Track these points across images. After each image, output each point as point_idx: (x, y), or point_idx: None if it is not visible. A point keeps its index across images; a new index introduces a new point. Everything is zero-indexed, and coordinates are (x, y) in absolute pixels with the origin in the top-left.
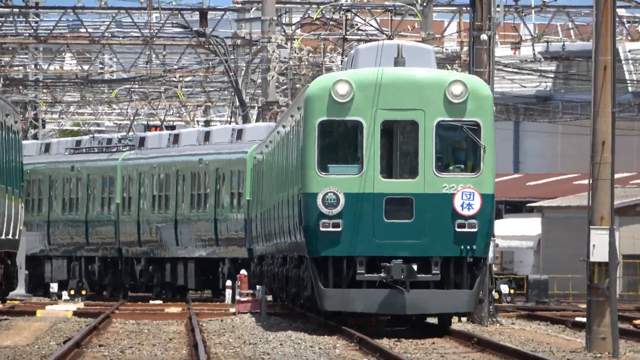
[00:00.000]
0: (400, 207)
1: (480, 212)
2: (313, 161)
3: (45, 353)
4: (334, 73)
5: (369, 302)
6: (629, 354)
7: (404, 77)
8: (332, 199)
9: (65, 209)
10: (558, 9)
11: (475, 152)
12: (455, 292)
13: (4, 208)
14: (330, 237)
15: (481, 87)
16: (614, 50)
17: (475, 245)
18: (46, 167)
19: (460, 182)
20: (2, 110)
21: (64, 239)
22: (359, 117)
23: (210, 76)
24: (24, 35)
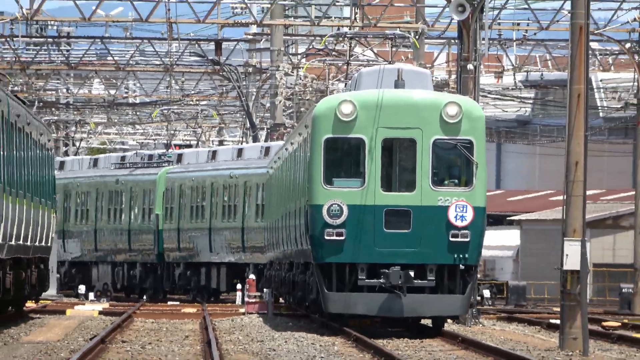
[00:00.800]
0: (398, 218)
1: (473, 223)
2: (319, 175)
3: (73, 348)
4: (339, 94)
5: (369, 305)
6: (598, 352)
7: (403, 99)
8: (336, 210)
9: (110, 218)
10: (537, 42)
11: (468, 168)
12: (449, 296)
13: (38, 218)
14: (334, 245)
15: (474, 109)
16: (586, 80)
17: (467, 253)
18: (94, 180)
19: (454, 196)
20: (36, 130)
21: (109, 246)
22: (361, 135)
23: (224, 100)
24: (56, 62)
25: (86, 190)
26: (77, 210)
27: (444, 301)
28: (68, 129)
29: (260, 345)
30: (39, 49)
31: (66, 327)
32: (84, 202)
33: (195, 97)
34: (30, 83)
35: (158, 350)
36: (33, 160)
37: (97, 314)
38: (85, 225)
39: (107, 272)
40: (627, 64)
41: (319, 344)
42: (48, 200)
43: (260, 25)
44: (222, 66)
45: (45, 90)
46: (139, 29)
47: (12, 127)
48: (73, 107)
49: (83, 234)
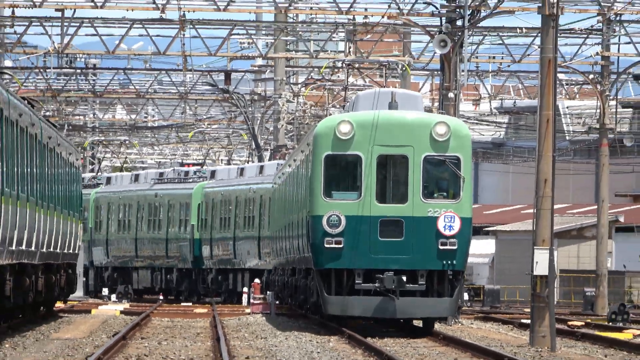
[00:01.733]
0: (392, 228)
1: (460, 232)
2: (319, 188)
3: (97, 344)
4: (338, 115)
5: (365, 308)
6: (564, 348)
7: (396, 119)
8: (335, 220)
9: (149, 228)
10: (510, 73)
11: (456, 182)
12: (438, 299)
13: (66, 228)
14: (333, 253)
15: (461, 128)
16: (554, 107)
17: (455, 260)
18: (135, 194)
19: (443, 207)
20: (66, 150)
21: (148, 253)
22: (358, 152)
23: (232, 124)
24: (84, 91)
25: (128, 203)
26: (119, 221)
27: (433, 304)
28: (94, 150)
29: (264, 342)
30: (68, 79)
31: (91, 325)
32: (126, 214)
33: (206, 121)
34: (60, 109)
35: (173, 345)
36: (63, 177)
37: (119, 313)
38: (127, 234)
39: (147, 276)
40: (591, 92)
41: (316, 340)
42: (76, 212)
43: (265, 58)
44: (231, 94)
45: (73, 115)
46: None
47: (45, 147)
48: (98, 130)
49: (125, 242)
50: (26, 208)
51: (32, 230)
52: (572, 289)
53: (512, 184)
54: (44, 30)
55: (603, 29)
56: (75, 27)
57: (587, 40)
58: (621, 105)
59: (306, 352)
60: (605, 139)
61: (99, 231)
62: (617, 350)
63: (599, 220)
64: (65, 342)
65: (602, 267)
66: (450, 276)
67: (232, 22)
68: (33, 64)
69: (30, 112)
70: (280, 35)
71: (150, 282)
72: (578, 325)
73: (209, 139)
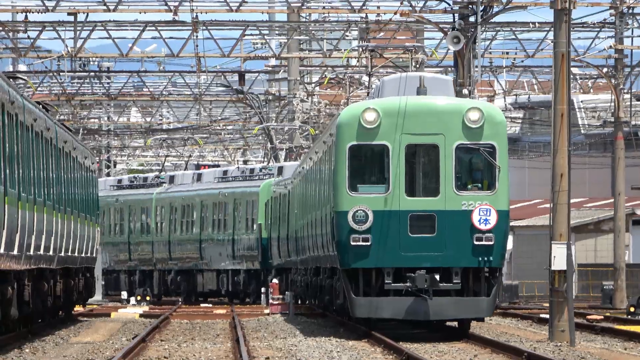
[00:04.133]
0: (423, 223)
1: (496, 226)
2: (344, 182)
3: (117, 347)
4: (362, 102)
5: (396, 309)
6: (583, 343)
7: (425, 105)
8: (362, 216)
9: (214, 228)
10: (524, 68)
11: (491, 172)
12: (474, 299)
13: (84, 232)
14: (360, 251)
15: (496, 114)
16: (569, 101)
17: (492, 256)
18: (198, 194)
19: (478, 200)
20: (81, 154)
21: (213, 254)
22: (385, 142)
23: (247, 125)
24: (98, 94)
25: (191, 203)
26: (182, 222)
27: (469, 304)
28: (109, 153)
29: (284, 342)
30: (82, 82)
31: (111, 329)
32: (189, 214)
33: (222, 122)
34: (75, 113)
35: (192, 347)
36: (78, 181)
37: (138, 316)
38: (191, 236)
39: (212, 279)
40: (605, 86)
41: (335, 339)
42: (92, 216)
43: (279, 58)
44: (245, 95)
45: (88, 119)
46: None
47: (60, 152)
48: (114, 133)
49: (189, 244)
50: (43, 213)
51: (50, 234)
52: (590, 283)
53: (528, 179)
54: (57, 34)
55: (616, 22)
56: (88, 31)
57: (600, 33)
58: (635, 98)
59: (326, 352)
60: (621, 132)
61: (161, 232)
62: (637, 343)
63: (616, 214)
64: (85, 345)
65: (619, 260)
66: (486, 274)
67: (245, 22)
68: (47, 68)
69: (45, 116)
70: (293, 35)
71: (216, 285)
72: (597, 319)
73: (224, 140)
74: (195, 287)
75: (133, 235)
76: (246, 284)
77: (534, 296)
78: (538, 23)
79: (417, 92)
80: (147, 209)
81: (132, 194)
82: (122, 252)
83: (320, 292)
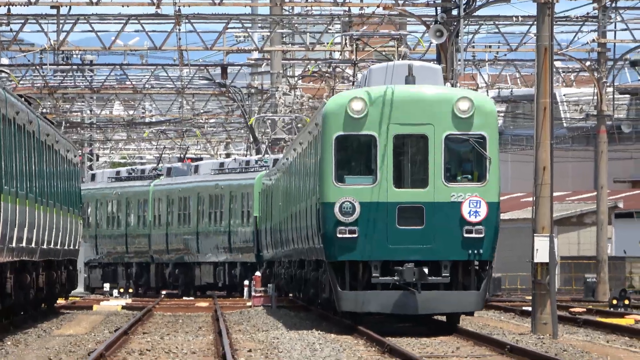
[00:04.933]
0: (411, 215)
1: (487, 219)
2: (330, 173)
3: (100, 339)
4: (349, 91)
5: (384, 303)
6: (566, 335)
7: (414, 94)
8: (348, 208)
9: (211, 221)
10: (507, 62)
11: (481, 163)
12: (464, 293)
13: (66, 224)
14: (346, 243)
15: (486, 103)
16: (551, 95)
17: (482, 249)
18: (195, 186)
19: (468, 191)
20: (64, 147)
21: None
22: (372, 132)
23: (230, 118)
24: (81, 87)
25: (187, 195)
26: (179, 215)
27: (458, 298)
28: (92, 146)
29: (266, 334)
30: (65, 76)
31: (93, 321)
32: (186, 207)
33: (204, 116)
34: (57, 106)
35: (175, 340)
36: (61, 174)
37: (121, 309)
38: (188, 229)
39: (209, 271)
40: (588, 80)
41: (317, 332)
42: (75, 208)
43: (261, 52)
44: (228, 88)
45: (71, 112)
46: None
47: (43, 145)
48: (96, 126)
49: (183, 237)
50: (25, 205)
51: (32, 227)
52: (573, 276)
53: (511, 173)
54: (40, 27)
55: (599, 15)
56: (71, 24)
57: (583, 27)
58: (618, 91)
59: (308, 344)
60: (603, 125)
61: (158, 225)
62: (619, 336)
63: (599, 207)
64: (67, 338)
65: (602, 253)
66: (476, 267)
67: (228, 16)
68: (29, 61)
69: (27, 109)
70: (276, 28)
71: (213, 277)
72: (579, 311)
73: (206, 133)
74: (192, 280)
75: (130, 227)
76: (243, 276)
77: (516, 289)
78: (521, 17)
79: (406, 81)
80: (144, 202)
81: (129, 186)
82: (119, 244)
83: (305, 285)
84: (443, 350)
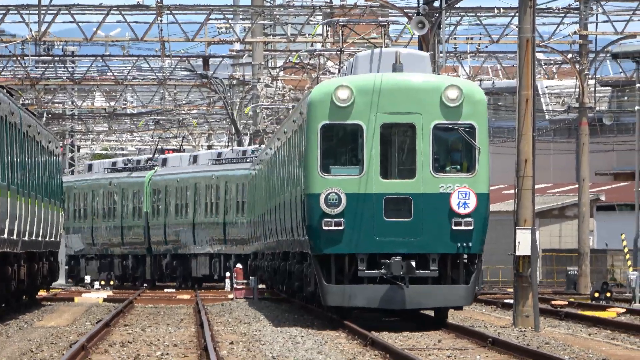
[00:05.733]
0: (399, 207)
1: (476, 210)
2: (315, 163)
3: (81, 331)
4: (335, 79)
5: (370, 297)
6: (548, 328)
7: (402, 82)
8: (334, 199)
9: (207, 212)
10: (489, 54)
11: (471, 154)
12: (453, 287)
13: (47, 216)
14: (332, 236)
15: (476, 92)
16: (533, 87)
17: (471, 242)
18: (193, 176)
19: (457, 182)
20: (45, 138)
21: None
22: (359, 121)
23: (212, 109)
24: (62, 78)
25: (185, 185)
26: (176, 205)
27: (447, 292)
28: (73, 137)
29: (248, 327)
30: (46, 67)
31: (74, 313)
32: (183, 197)
33: (186, 107)
34: (39, 97)
35: (157, 332)
36: (43, 165)
37: (102, 301)
38: (185, 219)
39: (205, 263)
40: (570, 72)
41: (299, 324)
42: (57, 200)
43: (243, 43)
44: (210, 79)
45: (53, 103)
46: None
47: (24, 136)
48: (77, 117)
49: (183, 227)
50: (7, 197)
51: (14, 218)
52: (554, 269)
53: (492, 165)
54: (21, 18)
55: (581, 7)
56: (53, 15)
57: (564, 19)
58: (600, 84)
59: (290, 337)
60: (585, 118)
61: (156, 216)
62: (601, 329)
63: (580, 199)
64: (48, 330)
65: (584, 245)
66: (465, 260)
67: (210, 7)
68: (11, 52)
69: (9, 100)
70: (258, 19)
71: (209, 269)
72: (561, 304)
73: (188, 125)
74: (190, 272)
75: (126, 218)
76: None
77: (498, 282)
78: (503, 8)
79: (393, 68)
80: (139, 192)
81: (125, 176)
82: (115, 235)
83: (289, 278)
84: (425, 342)
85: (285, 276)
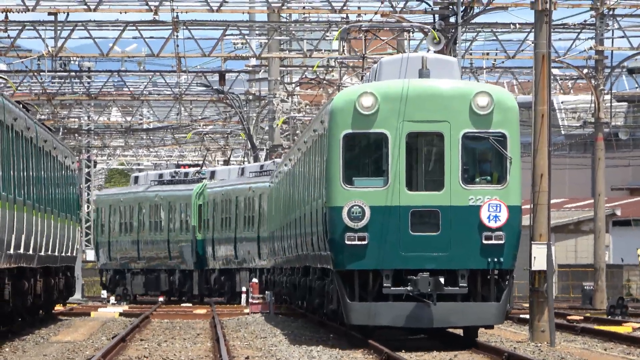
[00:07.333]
0: (426, 220)
1: (507, 224)
2: (338, 174)
3: (97, 346)
4: (358, 85)
5: (396, 316)
6: (564, 343)
7: (429, 89)
8: (358, 212)
9: (246, 225)
10: (505, 69)
11: (502, 164)
12: (483, 304)
13: (64, 231)
14: (356, 251)
15: (507, 99)
16: (549, 102)
17: (502, 257)
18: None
19: (487, 194)
20: (62, 153)
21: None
22: (384, 129)
23: (228, 125)
24: (78, 93)
25: (227, 199)
26: (222, 219)
27: (477, 310)
28: (90, 152)
29: (264, 341)
30: (63, 82)
31: (91, 328)
32: (225, 210)
33: (202, 122)
34: (55, 112)
35: (173, 347)
36: (59, 180)
37: (118, 315)
38: (226, 233)
39: (245, 279)
40: (585, 87)
41: (315, 339)
42: (73, 215)
43: (259, 58)
44: (226, 94)
45: (69, 118)
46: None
47: (40, 151)
48: (94, 132)
49: (224, 242)
50: (23, 212)
51: (30, 233)
52: (570, 284)
53: None
54: (38, 34)
55: (596, 23)
56: (69, 30)
57: (580, 34)
58: (616, 99)
59: (306, 351)
60: (601, 133)
61: (206, 230)
62: (617, 343)
63: (596, 214)
64: (65, 345)
65: (600, 261)
66: (496, 277)
67: (226, 22)
68: (27, 67)
69: (25, 116)
70: (274, 35)
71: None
72: (577, 319)
73: (208, 140)
74: (236, 286)
75: (172, 233)
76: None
77: (514, 296)
78: (519, 24)
79: (419, 74)
80: (186, 205)
81: (171, 189)
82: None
83: (310, 294)
84: (440, 357)
85: (305, 292)
